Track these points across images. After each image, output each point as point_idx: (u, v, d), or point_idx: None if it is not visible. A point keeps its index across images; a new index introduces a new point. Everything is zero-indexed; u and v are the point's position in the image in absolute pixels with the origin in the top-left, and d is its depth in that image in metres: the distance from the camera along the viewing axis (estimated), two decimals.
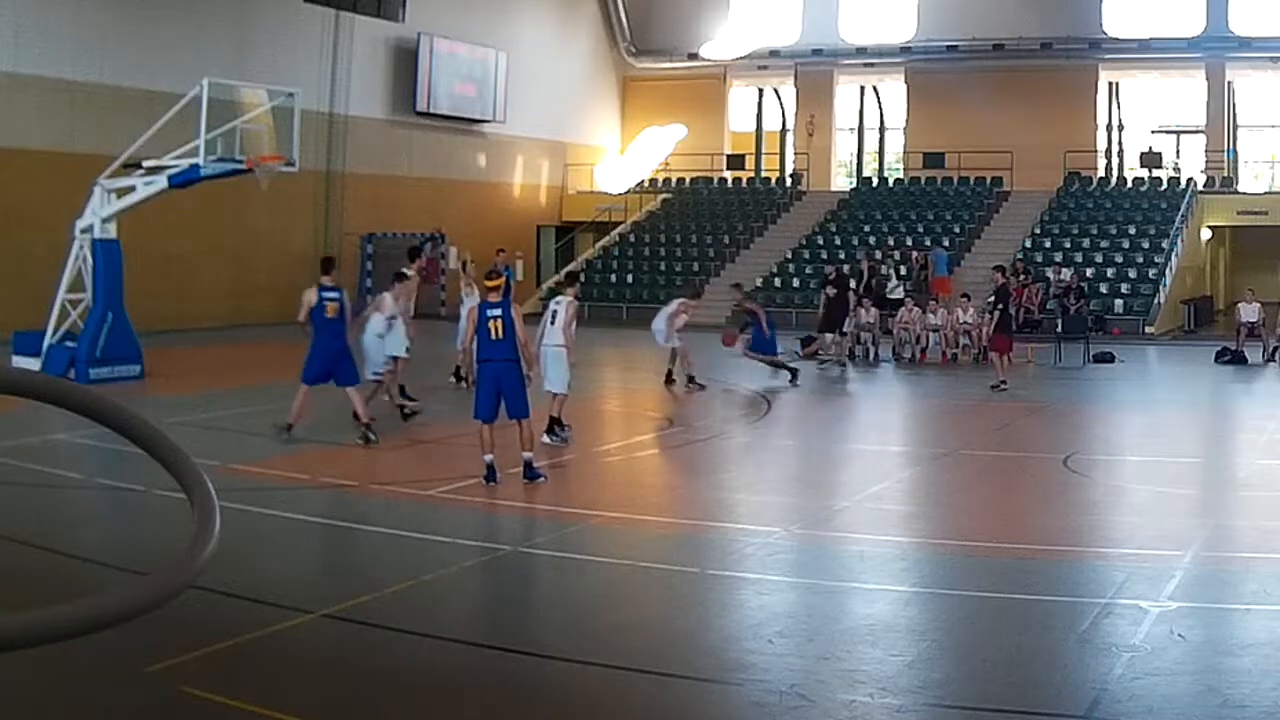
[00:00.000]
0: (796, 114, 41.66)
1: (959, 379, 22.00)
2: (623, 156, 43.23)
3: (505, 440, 11.62)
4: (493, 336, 11.50)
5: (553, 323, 14.04)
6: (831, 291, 23.56)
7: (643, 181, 41.53)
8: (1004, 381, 19.55)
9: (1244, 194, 36.17)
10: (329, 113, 31.60)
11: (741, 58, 40.88)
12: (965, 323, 24.28)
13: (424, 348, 17.86)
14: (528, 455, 11.66)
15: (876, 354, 24.58)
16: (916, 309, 25.07)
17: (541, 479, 11.69)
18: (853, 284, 26.66)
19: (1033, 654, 6.97)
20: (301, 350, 14.05)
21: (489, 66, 37.28)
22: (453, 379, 18.81)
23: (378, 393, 15.15)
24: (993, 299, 21.12)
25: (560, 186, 41.22)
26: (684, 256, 36.68)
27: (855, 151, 42.80)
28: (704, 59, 41.34)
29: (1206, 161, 36.83)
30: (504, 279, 12.13)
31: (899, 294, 27.12)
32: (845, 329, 23.19)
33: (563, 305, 14.17)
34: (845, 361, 23.09)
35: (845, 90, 41.65)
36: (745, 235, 37.36)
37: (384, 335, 15.31)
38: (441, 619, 7.71)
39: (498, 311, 11.57)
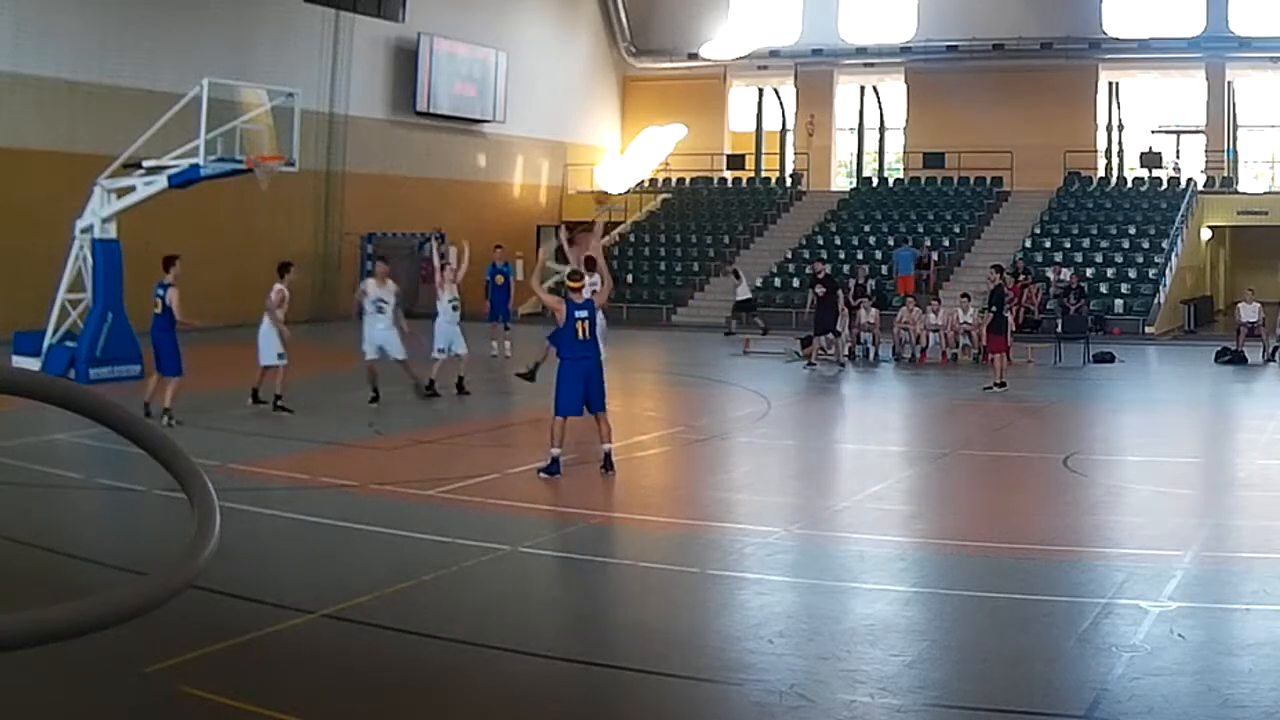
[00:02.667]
0: (796, 114, 41.66)
1: (959, 379, 21.99)
2: (623, 156, 43.21)
3: (502, 439, 11.61)
4: (580, 336, 12.04)
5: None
6: (821, 291, 23.35)
7: (643, 181, 41.52)
8: (1003, 383, 19.55)
9: (1244, 194, 36.17)
10: (329, 113, 31.59)
11: (741, 58, 40.87)
12: (965, 323, 24.26)
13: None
14: (608, 447, 12.16)
15: (876, 354, 24.57)
16: (916, 309, 25.07)
17: (612, 472, 12.20)
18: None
19: (1033, 654, 6.97)
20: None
21: (489, 66, 37.28)
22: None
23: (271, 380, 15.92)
24: (987, 300, 21.10)
25: (560, 186, 41.22)
26: (684, 256, 36.70)
27: (855, 151, 42.79)
28: (704, 59, 41.33)
29: (1206, 161, 36.82)
30: (584, 280, 12.72)
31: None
32: (838, 328, 23.04)
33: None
34: (844, 361, 23.07)
35: (845, 90, 41.64)
36: (745, 235, 37.37)
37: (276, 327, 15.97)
38: (442, 619, 7.70)
39: (585, 313, 12.11)
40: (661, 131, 42.56)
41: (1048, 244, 33.81)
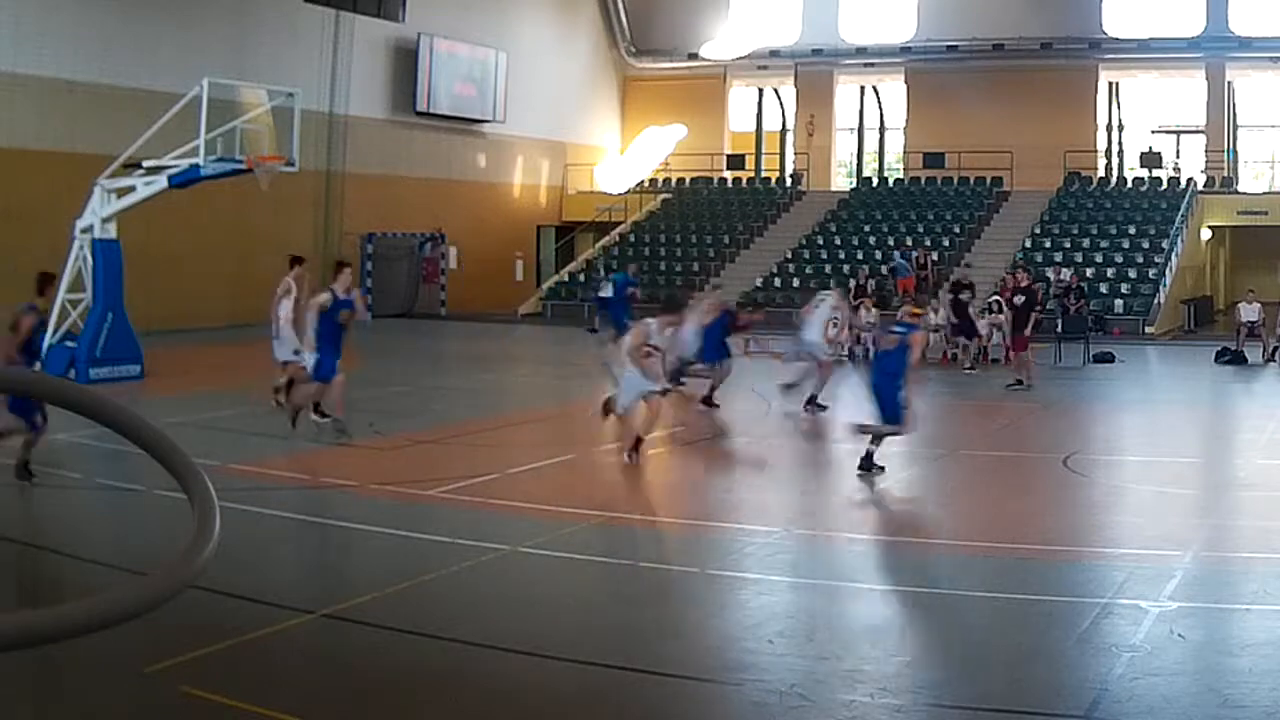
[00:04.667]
0: (796, 114, 41.66)
1: (959, 379, 21.98)
2: (623, 156, 43.23)
3: (502, 439, 11.59)
4: (883, 346, 13.00)
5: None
6: (1019, 300, 21.92)
7: (643, 181, 41.52)
8: (1021, 380, 19.66)
9: (1244, 194, 36.19)
10: (329, 113, 31.59)
11: (741, 58, 40.87)
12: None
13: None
14: (871, 447, 12.37)
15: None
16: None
17: (879, 470, 12.24)
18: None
19: (1033, 654, 6.97)
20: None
21: (489, 66, 37.28)
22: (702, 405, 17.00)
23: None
24: (1023, 300, 21.12)
25: (560, 186, 41.22)
26: (684, 256, 36.69)
27: (855, 151, 42.80)
28: (704, 59, 41.33)
29: (1206, 161, 36.83)
30: (925, 307, 13.65)
31: None
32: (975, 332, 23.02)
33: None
34: (975, 365, 23.09)
35: (845, 90, 41.65)
36: (745, 235, 37.36)
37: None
38: (442, 619, 7.70)
39: (903, 330, 12.75)
40: (661, 131, 42.61)
41: (1048, 244, 33.80)
